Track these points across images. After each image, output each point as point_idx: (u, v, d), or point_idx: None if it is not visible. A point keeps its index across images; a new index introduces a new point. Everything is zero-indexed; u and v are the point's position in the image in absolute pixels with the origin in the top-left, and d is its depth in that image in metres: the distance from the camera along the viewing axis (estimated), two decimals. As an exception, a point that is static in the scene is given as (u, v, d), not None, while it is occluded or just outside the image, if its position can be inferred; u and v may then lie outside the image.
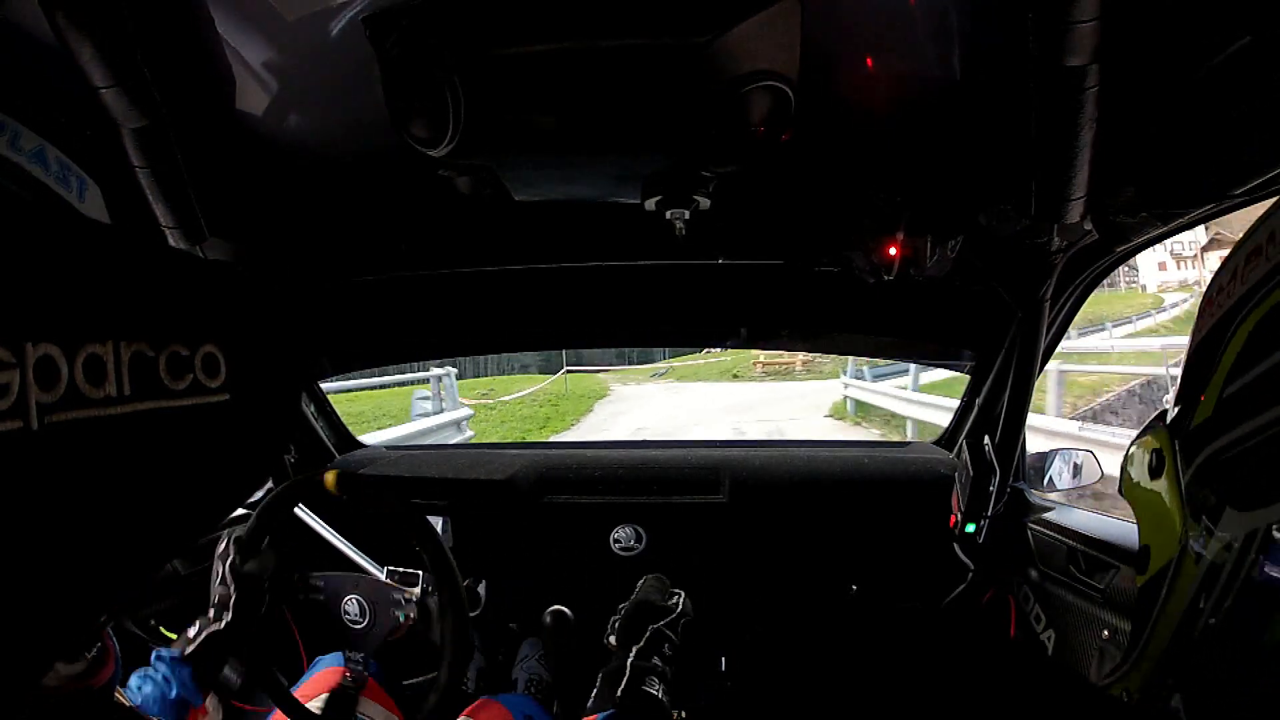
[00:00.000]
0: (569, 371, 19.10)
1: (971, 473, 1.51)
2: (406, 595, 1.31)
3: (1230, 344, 0.66)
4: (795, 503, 1.80)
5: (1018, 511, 1.57)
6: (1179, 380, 0.79)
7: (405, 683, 1.34)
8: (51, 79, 1.00)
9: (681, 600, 1.19)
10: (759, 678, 1.76)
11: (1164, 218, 1.09)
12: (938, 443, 2.03)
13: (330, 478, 1.10)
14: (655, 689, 0.98)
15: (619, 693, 0.96)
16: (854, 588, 1.75)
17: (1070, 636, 1.33)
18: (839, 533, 1.77)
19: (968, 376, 1.84)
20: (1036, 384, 1.49)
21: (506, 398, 15.61)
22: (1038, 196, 1.09)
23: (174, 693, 1.06)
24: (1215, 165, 0.94)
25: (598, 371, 21.87)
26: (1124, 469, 0.92)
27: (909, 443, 2.21)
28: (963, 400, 1.89)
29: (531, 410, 14.65)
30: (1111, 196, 1.10)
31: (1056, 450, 1.63)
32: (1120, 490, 0.93)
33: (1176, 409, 0.80)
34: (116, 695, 0.74)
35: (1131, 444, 0.90)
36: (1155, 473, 0.79)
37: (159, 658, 1.09)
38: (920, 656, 1.71)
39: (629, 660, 1.02)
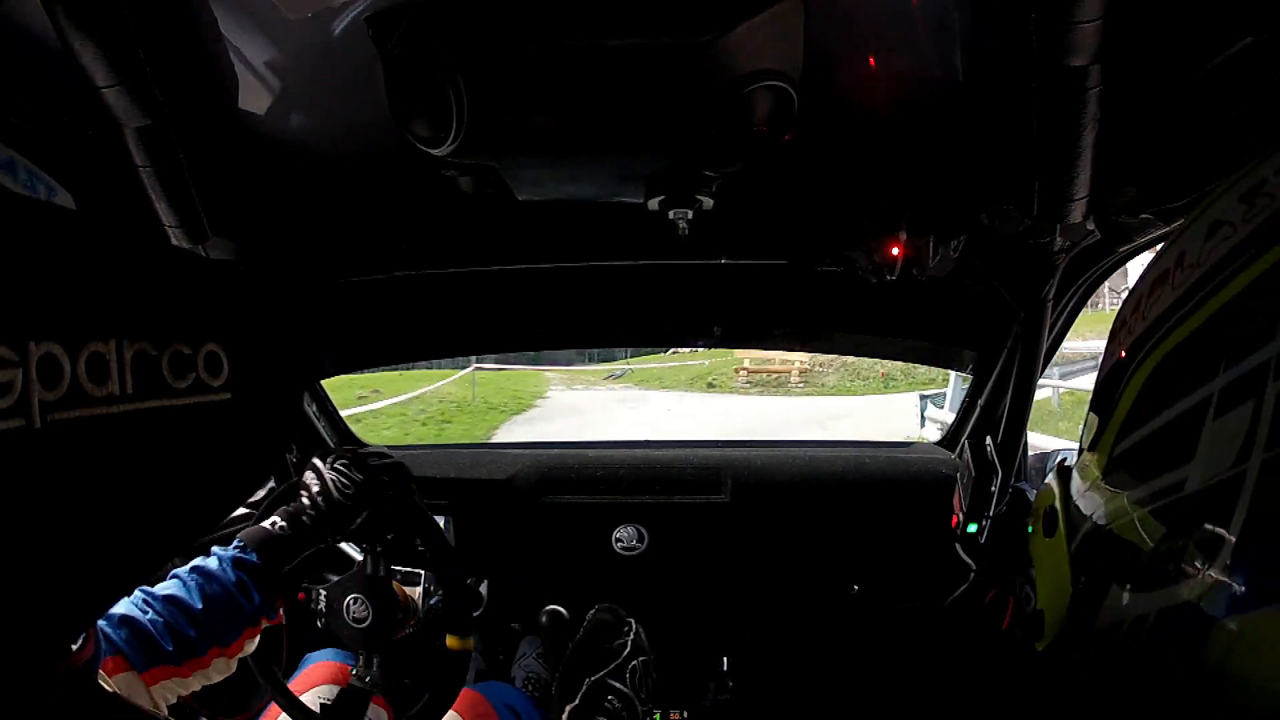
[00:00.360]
0: (479, 368, 14.07)
1: (973, 473, 1.51)
2: (407, 593, 1.31)
3: (1126, 389, 0.58)
4: (797, 503, 1.79)
5: (1020, 512, 1.56)
6: (1084, 422, 0.72)
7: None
8: (52, 79, 1.00)
9: (630, 639, 1.02)
10: (760, 677, 1.75)
11: (1166, 218, 1.09)
12: (939, 443, 2.02)
13: None
14: None
15: None
16: (855, 588, 1.75)
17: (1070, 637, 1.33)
18: (841, 533, 1.77)
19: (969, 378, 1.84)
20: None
21: (388, 401, 12.08)
22: (1040, 196, 1.08)
23: (256, 600, 0.98)
24: (1217, 165, 0.94)
25: (539, 369, 17.43)
26: (1029, 523, 0.85)
27: (911, 443, 2.21)
28: (964, 401, 1.89)
29: (406, 426, 11.10)
30: (1114, 196, 1.10)
31: (1058, 451, 1.63)
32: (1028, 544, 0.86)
33: (1077, 458, 0.72)
34: (101, 681, 0.74)
35: (1038, 491, 0.83)
36: (1048, 529, 0.73)
37: (234, 552, 1.01)
38: (922, 657, 1.71)
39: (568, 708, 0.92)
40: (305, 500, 1.10)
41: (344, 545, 1.34)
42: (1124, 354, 0.61)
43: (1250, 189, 0.54)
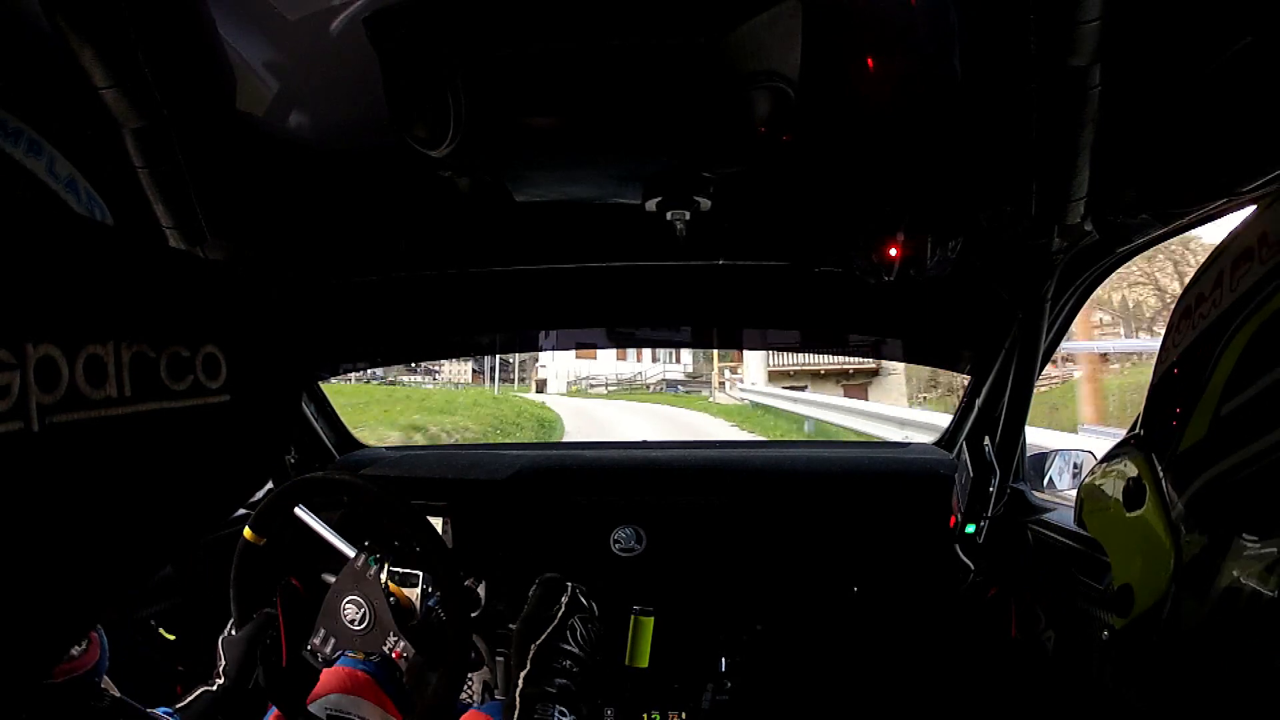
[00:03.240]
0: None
1: (971, 473, 1.51)
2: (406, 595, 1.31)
3: (1223, 357, 0.60)
4: (795, 503, 1.80)
5: (1018, 512, 1.57)
6: (1148, 401, 0.72)
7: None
8: (52, 79, 1.00)
9: (565, 600, 1.09)
10: (759, 678, 1.75)
11: (1165, 218, 1.09)
12: (938, 443, 2.03)
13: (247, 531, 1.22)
14: (551, 713, 0.94)
15: None
16: (855, 588, 1.75)
17: (1070, 637, 1.33)
18: (839, 534, 1.77)
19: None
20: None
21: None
22: (1039, 197, 1.08)
23: None
24: (1216, 166, 0.94)
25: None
26: (1083, 500, 0.84)
27: (909, 443, 2.21)
28: (963, 401, 1.89)
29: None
30: (1112, 197, 1.10)
31: (1056, 451, 1.63)
32: (1079, 522, 0.86)
33: (1150, 432, 0.72)
34: (105, 685, 0.74)
35: (1094, 472, 0.83)
36: (1133, 502, 0.71)
37: None
38: (921, 657, 1.71)
39: (517, 691, 0.97)
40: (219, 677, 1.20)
41: (340, 545, 1.34)
42: (1208, 328, 0.63)
43: None
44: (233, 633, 1.25)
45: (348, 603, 1.25)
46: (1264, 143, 0.85)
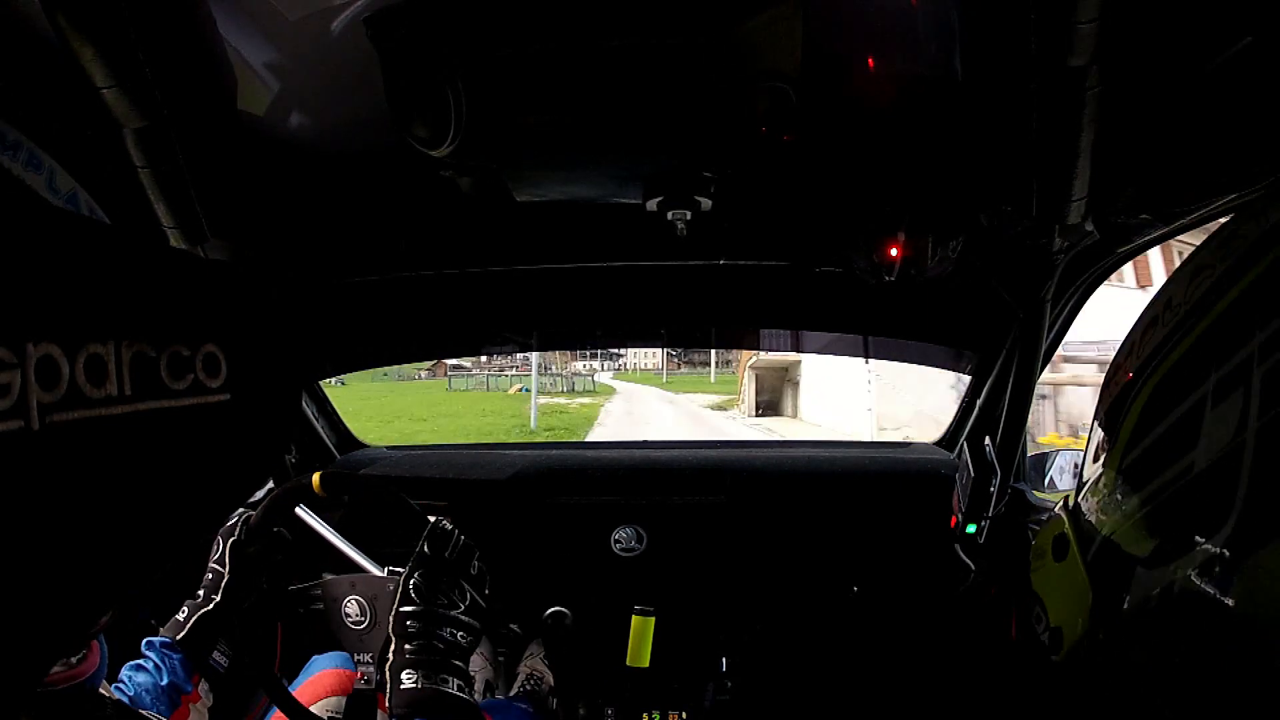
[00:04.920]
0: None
1: (972, 473, 1.51)
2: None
3: (1128, 415, 0.68)
4: (796, 503, 1.79)
5: (1019, 512, 1.56)
6: (1082, 463, 0.82)
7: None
8: (51, 79, 1.00)
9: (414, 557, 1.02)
10: (759, 678, 1.75)
11: (1165, 218, 1.09)
12: (938, 443, 2.03)
13: (316, 479, 1.12)
14: (411, 680, 0.90)
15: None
16: (855, 588, 1.75)
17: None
18: (839, 533, 1.77)
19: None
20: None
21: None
22: (1039, 197, 1.08)
23: (165, 679, 1.06)
24: (1216, 166, 0.94)
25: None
26: (1030, 559, 0.94)
27: (910, 443, 2.21)
28: (963, 401, 1.89)
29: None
30: (1113, 197, 1.10)
31: (1057, 450, 1.63)
32: (1030, 584, 0.95)
33: (1078, 488, 0.82)
34: (103, 690, 0.74)
35: (1038, 534, 0.93)
36: (1059, 554, 0.82)
37: (149, 645, 1.09)
38: (921, 657, 1.71)
39: (385, 668, 0.93)
40: (208, 575, 1.17)
41: (340, 545, 1.34)
42: (1127, 380, 0.71)
43: (1226, 237, 0.67)
44: (240, 538, 1.18)
45: (348, 603, 1.25)
46: (1264, 143, 0.85)
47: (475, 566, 1.07)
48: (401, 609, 0.97)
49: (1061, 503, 0.88)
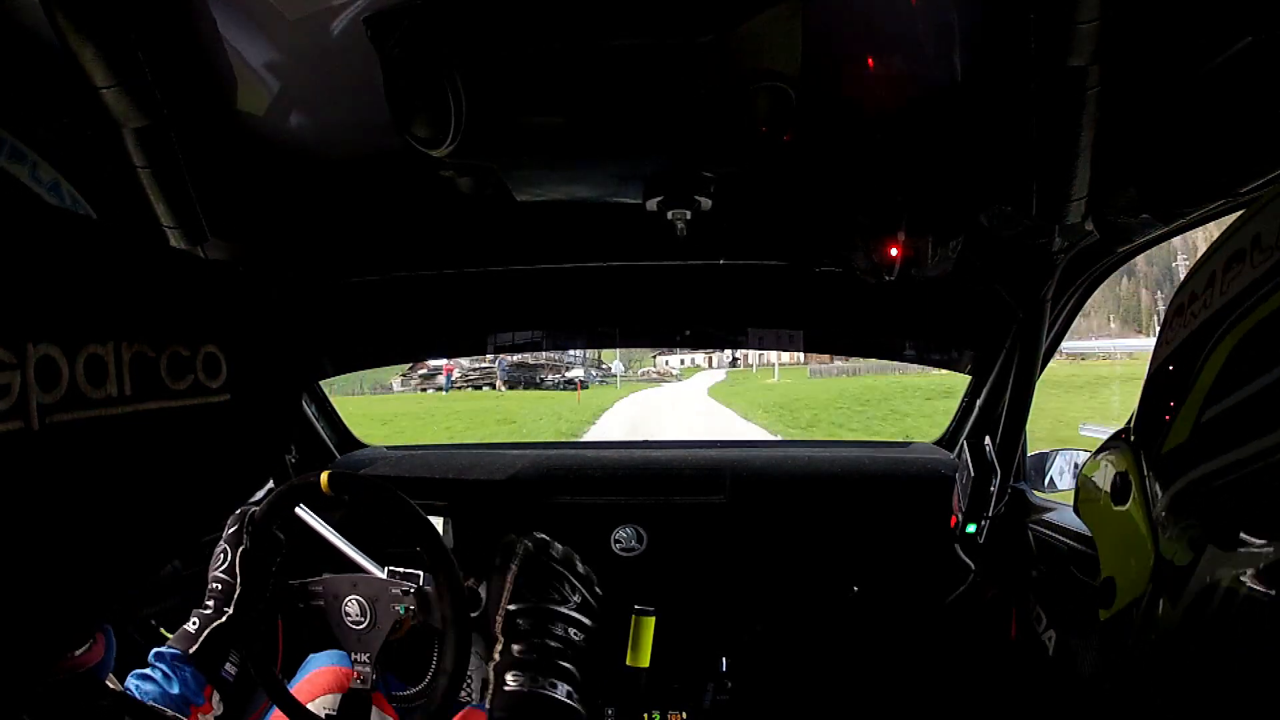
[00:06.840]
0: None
1: (972, 473, 1.51)
2: (405, 588, 1.30)
3: (1209, 361, 0.59)
4: (796, 503, 1.79)
5: (1018, 512, 1.56)
6: (1141, 397, 0.72)
7: (402, 694, 1.34)
8: (51, 79, 1.00)
9: (516, 560, 0.99)
10: (759, 678, 1.75)
11: (1165, 218, 1.09)
12: (938, 443, 2.03)
13: (324, 478, 1.11)
14: (540, 685, 0.87)
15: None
16: (855, 588, 1.75)
17: (1070, 637, 1.33)
18: (840, 533, 1.77)
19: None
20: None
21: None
22: (1039, 197, 1.08)
23: (175, 689, 1.05)
24: (1216, 165, 0.94)
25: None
26: (1079, 489, 0.85)
27: (910, 443, 2.21)
28: (963, 401, 1.89)
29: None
30: (1113, 197, 1.10)
31: (1057, 450, 1.63)
32: (1075, 508, 0.86)
33: (1139, 427, 0.72)
34: (110, 682, 0.75)
35: (1091, 459, 0.82)
36: (1119, 497, 0.72)
37: (159, 657, 1.09)
38: (921, 657, 1.71)
39: (490, 666, 0.91)
40: (216, 585, 1.16)
41: (341, 545, 1.34)
42: (1199, 328, 0.62)
43: None
44: (247, 547, 1.17)
45: (348, 603, 1.25)
46: (1264, 143, 0.85)
47: (581, 566, 1.02)
48: (510, 606, 0.94)
49: (1123, 434, 0.76)
